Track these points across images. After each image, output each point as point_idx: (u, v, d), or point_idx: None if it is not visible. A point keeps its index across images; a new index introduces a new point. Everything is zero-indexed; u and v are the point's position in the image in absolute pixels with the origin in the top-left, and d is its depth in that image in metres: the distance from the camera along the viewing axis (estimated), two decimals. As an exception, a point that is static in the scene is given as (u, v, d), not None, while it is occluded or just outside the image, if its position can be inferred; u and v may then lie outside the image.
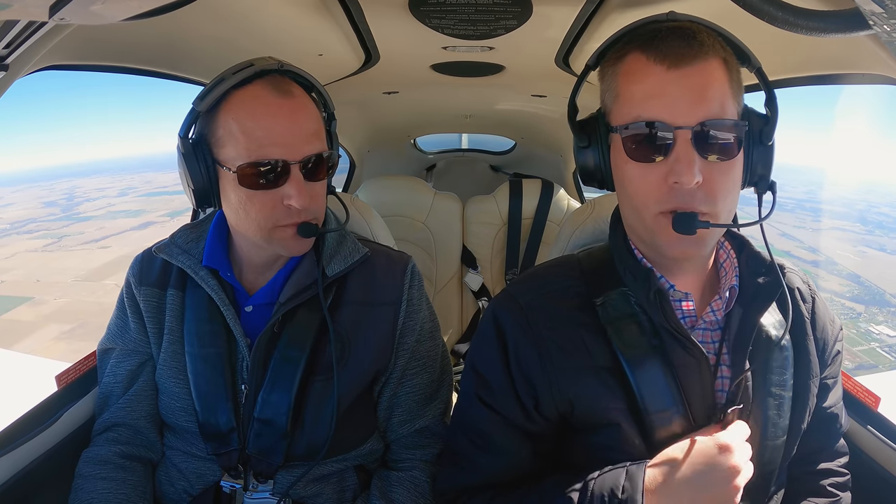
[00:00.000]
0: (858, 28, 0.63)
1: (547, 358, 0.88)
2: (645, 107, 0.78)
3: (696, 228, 0.77)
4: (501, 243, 2.65)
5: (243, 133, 0.94)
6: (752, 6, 0.77)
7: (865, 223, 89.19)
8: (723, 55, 0.79)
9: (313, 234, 1.00)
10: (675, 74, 0.77)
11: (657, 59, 0.77)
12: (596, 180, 0.90)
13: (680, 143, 0.77)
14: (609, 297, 0.89)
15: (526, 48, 1.64)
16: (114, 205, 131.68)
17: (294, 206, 0.96)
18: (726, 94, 0.78)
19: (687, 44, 0.77)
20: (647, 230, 0.84)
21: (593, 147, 0.88)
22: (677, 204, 0.78)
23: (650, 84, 0.78)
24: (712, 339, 0.89)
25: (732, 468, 0.77)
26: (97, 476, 1.04)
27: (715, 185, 0.78)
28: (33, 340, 48.47)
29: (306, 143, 0.97)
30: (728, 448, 0.78)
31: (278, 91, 0.96)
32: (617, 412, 0.84)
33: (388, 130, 3.19)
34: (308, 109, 1.00)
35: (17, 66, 0.89)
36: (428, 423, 1.15)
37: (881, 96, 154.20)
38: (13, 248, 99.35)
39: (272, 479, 1.06)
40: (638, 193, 0.82)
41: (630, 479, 0.79)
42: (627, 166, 0.82)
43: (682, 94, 0.77)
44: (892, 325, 44.67)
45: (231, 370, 1.06)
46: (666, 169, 0.78)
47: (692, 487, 0.77)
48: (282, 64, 1.00)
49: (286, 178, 0.95)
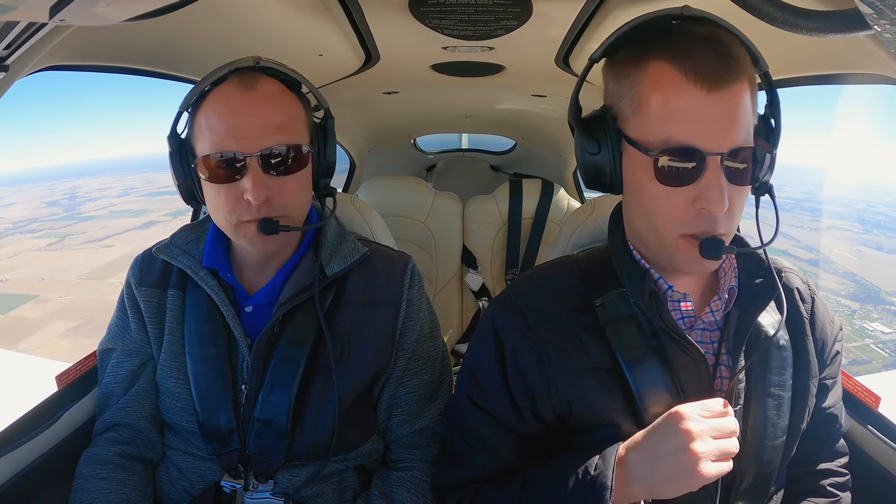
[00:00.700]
0: (858, 28, 0.63)
1: (545, 359, 0.88)
2: (677, 128, 0.75)
3: (722, 253, 0.77)
4: (501, 243, 2.64)
5: (209, 129, 0.96)
6: (751, 6, 0.77)
7: (863, 223, 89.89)
8: (750, 72, 0.76)
9: (273, 232, 0.96)
10: (714, 97, 0.73)
11: (695, 78, 0.73)
12: (602, 185, 0.86)
13: (711, 170, 0.74)
14: (608, 297, 0.88)
15: (526, 48, 1.63)
16: (116, 204, 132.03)
17: (251, 201, 0.95)
18: (750, 117, 0.77)
19: (724, 62, 0.73)
20: (664, 249, 0.82)
21: (604, 152, 0.82)
22: (703, 229, 0.77)
23: (685, 105, 0.74)
24: (711, 340, 0.89)
25: (685, 431, 0.74)
26: (97, 476, 1.04)
27: (734, 209, 0.78)
28: (40, 337, 49.08)
29: (264, 136, 0.95)
30: (679, 414, 0.76)
31: (243, 85, 0.96)
32: (615, 413, 0.85)
33: (389, 130, 3.19)
34: (273, 102, 0.98)
35: (17, 66, 0.89)
36: (428, 423, 1.15)
37: (881, 96, 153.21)
38: (16, 247, 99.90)
39: (272, 479, 1.06)
40: (661, 214, 0.79)
41: (603, 458, 0.80)
42: (651, 185, 0.78)
43: (718, 119, 0.73)
44: (886, 322, 45.30)
45: (231, 370, 1.06)
46: (694, 193, 0.76)
47: (650, 458, 0.77)
48: (258, 61, 1.00)
49: (245, 172, 0.95)
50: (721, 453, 0.75)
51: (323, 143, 1.07)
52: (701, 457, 0.73)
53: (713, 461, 0.74)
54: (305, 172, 1.02)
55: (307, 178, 1.03)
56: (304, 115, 1.04)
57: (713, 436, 0.75)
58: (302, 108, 1.04)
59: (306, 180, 1.03)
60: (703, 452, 0.73)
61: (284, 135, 0.97)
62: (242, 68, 0.99)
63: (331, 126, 1.09)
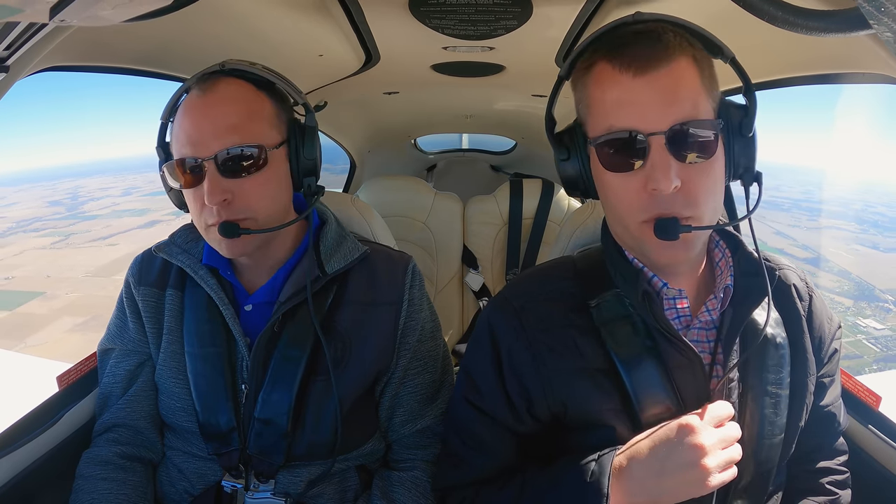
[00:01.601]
0: (858, 27, 0.63)
1: (540, 360, 0.88)
2: (616, 116, 0.78)
3: (678, 233, 0.77)
4: (502, 243, 2.64)
5: (174, 137, 0.99)
6: (751, 6, 0.77)
7: (861, 222, 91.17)
8: (691, 53, 0.78)
9: (233, 235, 0.94)
10: (642, 81, 0.76)
11: (622, 66, 0.76)
12: (579, 190, 0.90)
13: (654, 150, 0.76)
14: (603, 298, 0.89)
15: (526, 48, 1.63)
16: (118, 204, 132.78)
17: (206, 205, 0.95)
18: (698, 93, 0.77)
19: (651, 47, 0.76)
20: (633, 238, 0.84)
21: (574, 159, 0.87)
22: (659, 211, 0.78)
23: (618, 93, 0.77)
24: (707, 339, 0.89)
25: (696, 447, 0.75)
26: (98, 476, 1.04)
27: (694, 187, 0.77)
28: (48, 332, 50.34)
29: (217, 139, 0.94)
30: (690, 428, 0.77)
31: (200, 90, 0.97)
32: (610, 414, 0.85)
33: (389, 131, 3.19)
34: (228, 103, 0.96)
35: (17, 67, 0.89)
36: (429, 423, 1.15)
37: (881, 96, 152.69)
38: (21, 245, 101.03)
39: (273, 479, 1.06)
40: (620, 203, 0.82)
41: (599, 465, 0.80)
42: (606, 177, 0.81)
43: (652, 100, 0.76)
44: (879, 319, 46.80)
45: (231, 370, 1.06)
46: (644, 176, 0.77)
47: (656, 471, 0.76)
48: (223, 64, 1.00)
49: (203, 176, 0.94)
50: (728, 463, 0.77)
51: (301, 140, 1.03)
52: (711, 471, 0.75)
53: (720, 472, 0.76)
54: (269, 172, 0.98)
55: (274, 178, 1.00)
56: (273, 112, 1.01)
57: (721, 447, 0.77)
58: (271, 106, 1.01)
59: (273, 180, 1.00)
60: (713, 467, 0.75)
61: (238, 135, 0.95)
62: (207, 73, 0.99)
63: (310, 122, 1.06)
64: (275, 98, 1.03)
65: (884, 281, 57.60)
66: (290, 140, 1.03)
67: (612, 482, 0.78)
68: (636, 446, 0.80)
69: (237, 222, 0.95)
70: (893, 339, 43.76)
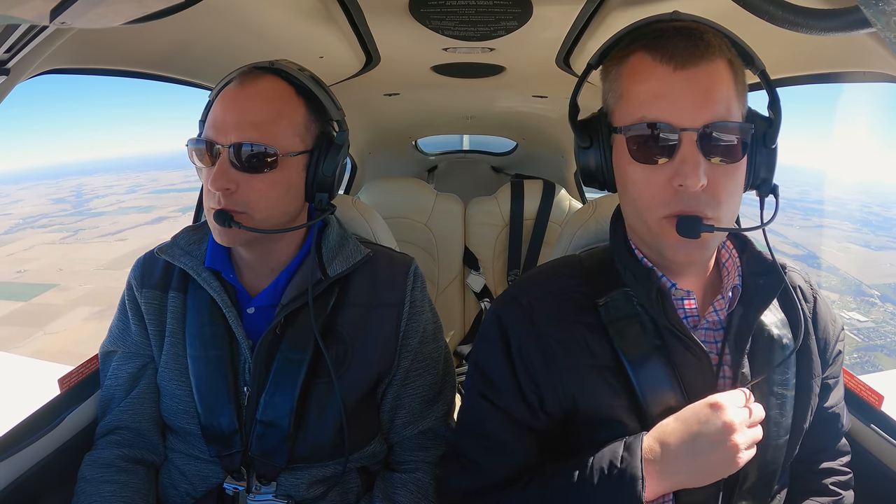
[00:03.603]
0: (859, 27, 0.63)
1: (551, 356, 0.88)
2: (650, 107, 0.78)
3: (700, 232, 0.77)
4: (503, 244, 2.64)
5: (208, 117, 1.01)
6: (752, 5, 0.76)
7: (853, 221, 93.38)
8: (728, 56, 0.78)
9: (225, 224, 0.96)
10: (682, 75, 0.76)
11: (663, 58, 0.76)
12: (597, 181, 0.89)
13: (685, 145, 0.76)
14: (611, 297, 0.88)
15: (526, 49, 1.63)
16: (124, 201, 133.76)
17: (209, 189, 0.97)
18: (732, 97, 0.78)
19: (693, 44, 0.76)
20: (650, 234, 0.83)
21: (595, 147, 0.86)
22: (682, 207, 0.78)
23: (655, 84, 0.77)
24: (714, 339, 0.89)
25: (727, 425, 0.76)
26: (100, 479, 1.04)
27: (719, 189, 0.77)
28: (66, 320, 52.48)
29: (239, 130, 0.95)
30: (719, 405, 0.77)
31: (240, 82, 0.99)
32: (620, 410, 0.84)
33: (390, 132, 3.19)
34: (261, 100, 0.98)
35: (18, 70, 0.89)
36: (431, 424, 1.15)
37: (881, 96, 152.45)
38: (30, 240, 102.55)
39: (275, 481, 1.06)
40: (642, 196, 0.81)
41: (628, 449, 0.79)
42: (631, 168, 0.81)
43: (688, 96, 0.76)
44: (863, 312, 49.77)
45: (233, 372, 1.06)
46: (671, 171, 0.77)
47: (688, 452, 0.76)
48: (273, 62, 1.02)
49: (216, 161, 0.96)
50: (753, 442, 0.78)
51: (324, 155, 1.03)
52: (740, 447, 0.75)
53: (747, 450, 0.77)
54: (277, 176, 0.98)
55: (282, 183, 0.99)
56: (304, 120, 1.02)
57: (748, 425, 0.78)
58: (304, 114, 1.02)
59: (280, 185, 0.99)
60: (742, 443, 0.76)
61: (258, 133, 0.96)
62: (255, 67, 1.01)
63: (340, 139, 1.05)
64: (311, 107, 1.03)
65: (871, 277, 59.69)
66: (314, 152, 1.03)
67: (645, 465, 0.77)
68: (664, 428, 0.80)
69: (233, 213, 0.97)
70: (875, 329, 46.88)
